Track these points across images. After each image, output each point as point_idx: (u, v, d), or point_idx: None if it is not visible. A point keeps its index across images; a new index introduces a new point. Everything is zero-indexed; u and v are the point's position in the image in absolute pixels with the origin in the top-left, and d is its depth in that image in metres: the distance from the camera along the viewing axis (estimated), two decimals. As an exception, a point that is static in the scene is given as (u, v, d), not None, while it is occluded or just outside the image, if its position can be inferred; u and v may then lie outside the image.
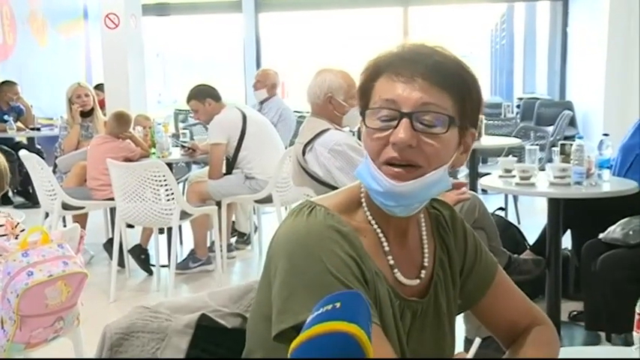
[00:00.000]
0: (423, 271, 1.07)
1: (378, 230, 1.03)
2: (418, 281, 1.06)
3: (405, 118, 0.94)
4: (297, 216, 0.99)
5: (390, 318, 0.99)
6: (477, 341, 0.89)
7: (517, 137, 5.24)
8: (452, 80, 0.97)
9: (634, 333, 1.18)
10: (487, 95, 13.31)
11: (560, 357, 1.12)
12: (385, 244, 1.03)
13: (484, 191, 4.92)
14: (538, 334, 1.12)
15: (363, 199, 1.04)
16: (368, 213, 1.03)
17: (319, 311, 0.63)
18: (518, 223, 4.92)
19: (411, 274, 1.05)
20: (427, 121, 0.95)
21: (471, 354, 0.89)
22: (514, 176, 3.07)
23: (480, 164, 5.48)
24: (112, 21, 5.56)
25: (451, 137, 0.97)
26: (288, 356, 0.60)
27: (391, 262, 1.03)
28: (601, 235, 2.84)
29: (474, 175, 4.62)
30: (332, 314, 0.62)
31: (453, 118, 0.96)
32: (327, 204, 1.01)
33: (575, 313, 3.21)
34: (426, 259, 1.07)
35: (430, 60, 0.96)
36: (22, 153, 4.06)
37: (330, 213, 0.98)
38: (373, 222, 1.03)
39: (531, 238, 3.46)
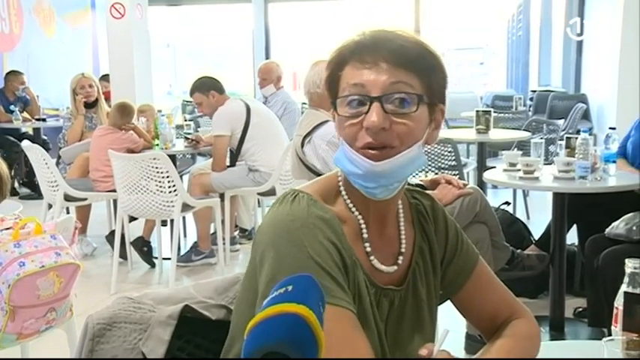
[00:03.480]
0: (400, 257, 1.08)
1: (359, 217, 1.05)
2: (395, 268, 1.07)
3: (375, 102, 0.97)
4: (281, 204, 1.01)
5: (368, 305, 1.01)
6: (446, 332, 0.88)
7: (527, 131, 5.14)
8: (415, 60, 0.99)
9: (612, 327, 1.16)
10: (502, 88, 13.15)
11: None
12: (365, 230, 1.05)
13: (494, 186, 4.84)
14: (517, 326, 1.13)
15: (342, 188, 1.06)
16: (348, 201, 1.05)
17: (273, 294, 0.67)
18: (527, 218, 4.86)
19: (388, 261, 1.07)
20: (397, 102, 0.97)
21: (438, 344, 0.88)
22: (519, 170, 3.01)
23: (490, 157, 5.40)
24: (118, 10, 5.55)
25: (421, 115, 1.00)
26: (244, 337, 0.64)
27: (368, 249, 1.04)
28: (606, 231, 2.79)
29: (482, 169, 4.56)
30: (284, 297, 0.66)
31: (421, 96, 0.99)
32: (310, 191, 1.03)
33: (580, 309, 3.18)
34: (403, 246, 1.09)
35: (393, 44, 0.99)
36: (25, 144, 4.07)
37: (313, 199, 1.01)
38: (354, 209, 1.05)
39: (539, 233, 3.40)
